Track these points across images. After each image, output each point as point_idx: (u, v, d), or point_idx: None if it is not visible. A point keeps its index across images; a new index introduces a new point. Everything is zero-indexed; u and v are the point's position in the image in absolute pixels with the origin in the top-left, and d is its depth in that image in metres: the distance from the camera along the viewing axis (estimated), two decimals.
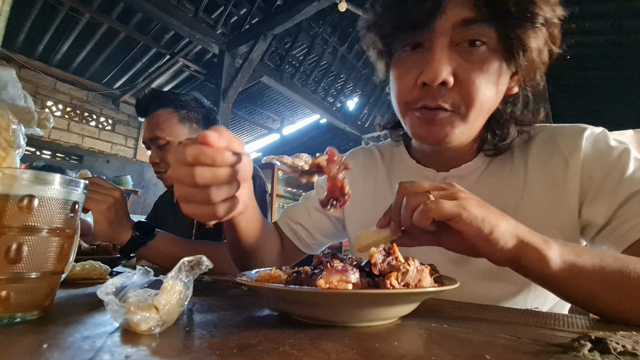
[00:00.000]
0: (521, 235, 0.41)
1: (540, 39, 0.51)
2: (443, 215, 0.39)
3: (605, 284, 0.41)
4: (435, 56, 0.51)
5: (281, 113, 7.00)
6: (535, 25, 0.49)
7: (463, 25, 0.50)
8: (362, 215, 0.74)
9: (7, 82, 0.44)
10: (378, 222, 0.47)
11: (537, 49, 0.51)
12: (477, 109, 0.53)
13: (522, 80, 0.58)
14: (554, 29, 0.52)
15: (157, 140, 1.18)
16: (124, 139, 5.99)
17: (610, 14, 3.32)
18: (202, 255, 0.36)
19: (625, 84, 4.13)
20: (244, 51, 4.11)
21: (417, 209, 0.41)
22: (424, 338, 0.30)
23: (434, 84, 0.51)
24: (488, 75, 0.51)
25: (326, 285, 0.31)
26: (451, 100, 0.52)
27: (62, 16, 4.15)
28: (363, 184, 0.76)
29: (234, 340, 0.28)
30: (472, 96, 0.51)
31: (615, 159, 0.53)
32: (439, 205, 0.39)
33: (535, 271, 0.42)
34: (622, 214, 0.50)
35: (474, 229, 0.39)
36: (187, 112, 1.24)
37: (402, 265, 0.35)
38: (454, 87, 0.51)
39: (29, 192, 0.33)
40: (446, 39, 0.51)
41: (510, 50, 0.51)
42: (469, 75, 0.51)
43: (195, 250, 0.93)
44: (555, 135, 0.61)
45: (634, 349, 0.25)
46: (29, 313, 0.33)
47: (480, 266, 0.58)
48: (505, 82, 0.55)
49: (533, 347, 0.28)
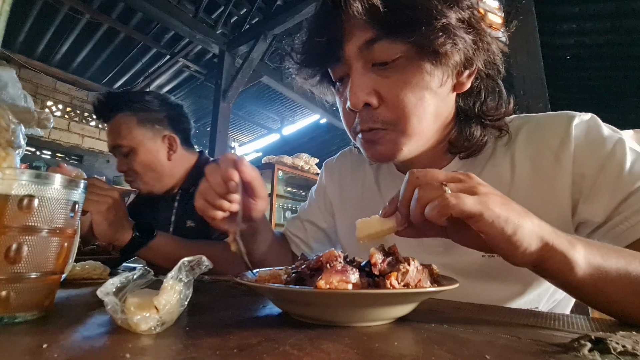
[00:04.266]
0: (546, 237, 0.38)
1: (454, 33, 0.49)
2: (463, 213, 0.36)
3: (630, 288, 0.39)
4: (352, 82, 0.52)
5: (281, 113, 7.00)
6: (434, 28, 0.47)
7: (367, 46, 0.51)
8: (351, 218, 0.74)
9: (7, 82, 0.44)
10: (382, 211, 0.44)
11: (458, 44, 0.49)
12: (414, 120, 0.52)
13: (474, 74, 0.56)
14: (469, 16, 0.51)
15: (119, 148, 1.12)
16: None
17: (610, 14, 3.31)
18: (202, 255, 0.36)
19: (625, 84, 4.13)
20: (244, 51, 4.11)
21: (432, 203, 0.37)
22: (424, 338, 0.30)
23: (357, 108, 0.52)
24: (412, 85, 0.51)
25: (326, 286, 0.31)
26: (381, 119, 0.53)
27: (62, 16, 4.15)
28: (352, 186, 0.77)
29: (234, 340, 0.28)
30: (401, 109, 0.52)
31: (609, 152, 0.51)
32: (460, 201, 0.35)
33: (558, 276, 0.39)
34: (621, 211, 0.48)
35: (495, 230, 0.36)
36: (147, 114, 1.15)
37: (402, 265, 0.35)
38: (381, 105, 0.53)
39: (29, 192, 0.33)
40: (359, 63, 0.52)
41: (428, 55, 0.50)
42: (391, 90, 0.52)
43: (195, 250, 0.93)
44: (542, 127, 0.58)
45: (634, 349, 0.25)
46: (29, 313, 0.33)
47: (464, 265, 0.58)
48: (443, 83, 0.53)
49: (533, 347, 0.28)
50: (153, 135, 1.14)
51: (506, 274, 0.56)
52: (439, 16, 0.47)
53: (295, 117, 7.23)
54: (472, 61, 0.53)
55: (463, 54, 0.51)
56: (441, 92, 0.54)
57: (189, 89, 5.63)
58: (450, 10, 0.48)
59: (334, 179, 0.82)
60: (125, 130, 1.11)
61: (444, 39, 0.48)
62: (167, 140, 1.17)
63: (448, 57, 0.50)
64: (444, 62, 0.51)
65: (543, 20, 2.58)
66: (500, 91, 0.60)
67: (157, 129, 1.15)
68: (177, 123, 1.22)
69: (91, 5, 4.02)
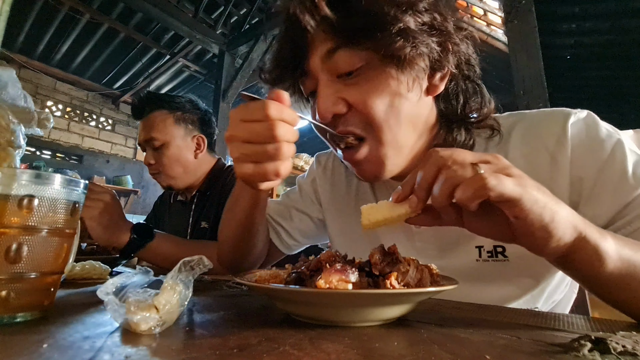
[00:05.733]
0: (579, 226, 0.35)
1: (414, 37, 0.48)
2: (502, 196, 0.32)
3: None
4: (319, 94, 0.53)
5: None
6: (393, 33, 0.47)
7: (328, 56, 0.51)
8: (344, 217, 0.74)
9: (7, 82, 0.44)
10: (394, 195, 0.40)
11: (420, 47, 0.48)
12: (387, 125, 0.52)
13: (447, 76, 0.55)
14: (430, 19, 0.50)
15: (152, 141, 1.20)
16: (124, 139, 5.98)
17: (610, 14, 3.32)
18: (202, 255, 0.36)
19: (625, 84, 4.13)
20: (244, 51, 4.11)
21: (465, 185, 0.34)
22: (424, 338, 0.30)
23: (327, 120, 0.53)
24: (379, 92, 0.51)
25: (326, 285, 0.31)
26: (353, 124, 0.53)
27: (62, 16, 4.14)
28: (346, 184, 0.75)
29: (234, 340, 0.28)
30: (371, 115, 0.51)
31: (608, 154, 0.49)
32: (500, 183, 0.32)
33: (586, 269, 0.37)
34: (624, 215, 0.47)
35: (533, 215, 0.33)
36: (183, 114, 1.27)
37: (402, 265, 0.35)
38: (352, 113, 0.53)
39: (29, 192, 0.33)
40: (324, 74, 0.53)
41: (390, 60, 0.50)
42: (358, 98, 0.52)
43: (194, 250, 0.93)
44: (537, 125, 0.56)
45: (634, 349, 0.25)
46: (29, 313, 0.33)
47: (458, 269, 0.55)
48: (410, 88, 0.52)
49: (533, 347, 0.28)
50: (185, 134, 1.26)
51: (499, 278, 0.56)
52: (393, 21, 0.47)
53: None
54: (442, 63, 0.52)
55: (428, 58, 0.51)
56: (412, 96, 0.53)
57: (188, 89, 5.63)
58: (405, 14, 0.48)
59: (326, 174, 0.79)
60: (161, 125, 1.22)
61: (402, 43, 0.47)
62: (196, 140, 1.29)
63: (412, 62, 0.49)
64: (409, 67, 0.50)
65: (543, 20, 2.58)
66: (481, 92, 0.59)
67: (189, 128, 1.28)
68: (206, 127, 1.33)
69: (91, 5, 4.01)
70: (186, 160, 1.24)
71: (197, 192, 1.30)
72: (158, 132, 1.20)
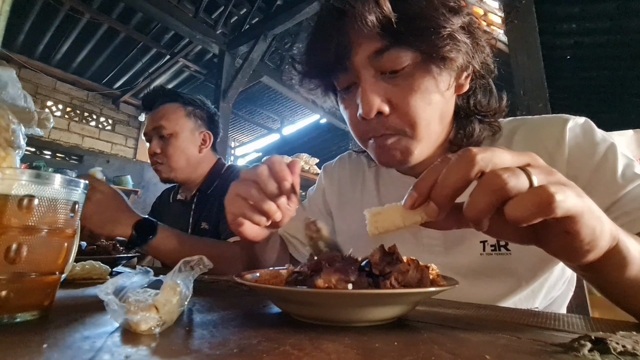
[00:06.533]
0: (614, 233, 0.32)
1: (458, 39, 0.50)
2: (568, 212, 0.28)
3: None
4: (364, 91, 0.53)
5: (281, 113, 7.00)
6: (442, 35, 0.49)
7: (377, 55, 0.52)
8: (350, 223, 0.75)
9: (7, 82, 0.44)
10: (408, 200, 0.33)
11: (462, 49, 0.51)
12: (423, 125, 0.54)
13: (471, 75, 0.58)
14: (468, 22, 0.53)
15: (161, 129, 1.23)
16: (124, 139, 5.98)
17: (610, 14, 3.31)
18: (204, 253, 0.36)
19: (625, 84, 4.13)
20: (244, 51, 4.10)
21: (521, 198, 0.28)
22: (424, 338, 0.30)
23: (370, 117, 0.53)
24: (421, 92, 0.52)
25: (325, 284, 0.31)
26: (393, 126, 0.54)
27: (62, 16, 4.15)
28: (351, 191, 0.77)
29: (234, 340, 0.28)
30: (412, 117, 0.53)
31: (601, 156, 0.53)
32: (567, 197, 0.27)
33: (613, 273, 0.35)
34: (611, 212, 0.49)
35: (587, 229, 0.29)
36: (194, 109, 1.31)
37: (402, 265, 0.35)
38: (392, 113, 0.53)
39: (29, 192, 0.33)
40: (369, 72, 0.53)
41: (435, 61, 0.51)
42: (402, 98, 0.52)
43: (198, 248, 0.94)
44: (538, 128, 0.60)
45: (634, 349, 0.25)
46: (29, 313, 0.33)
47: (463, 264, 0.58)
48: (448, 86, 0.54)
49: (533, 347, 0.28)
50: (193, 128, 1.30)
51: (502, 271, 0.57)
52: (446, 24, 0.49)
53: (295, 117, 7.23)
54: (470, 63, 0.55)
55: (463, 58, 0.53)
56: (447, 95, 0.55)
57: (189, 89, 5.63)
58: (454, 17, 0.50)
59: (333, 183, 0.82)
60: (172, 116, 1.26)
61: (451, 45, 0.50)
62: (202, 135, 1.33)
63: (453, 62, 0.52)
64: (449, 66, 0.52)
65: (543, 20, 2.58)
66: (490, 89, 0.63)
67: (198, 123, 1.32)
68: (213, 125, 1.38)
69: (91, 5, 4.01)
70: (191, 153, 1.27)
71: (198, 192, 1.30)
72: (168, 121, 1.24)
